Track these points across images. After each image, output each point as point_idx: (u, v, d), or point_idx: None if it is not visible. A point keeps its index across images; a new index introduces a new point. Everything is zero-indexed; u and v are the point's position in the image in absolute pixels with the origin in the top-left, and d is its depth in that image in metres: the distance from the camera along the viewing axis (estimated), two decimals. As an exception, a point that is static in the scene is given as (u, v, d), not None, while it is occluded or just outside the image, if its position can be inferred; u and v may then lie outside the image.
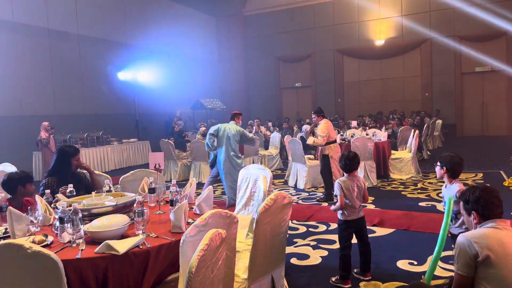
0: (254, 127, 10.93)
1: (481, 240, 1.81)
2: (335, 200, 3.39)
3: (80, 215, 2.22)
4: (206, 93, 17.69)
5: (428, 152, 10.72)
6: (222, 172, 6.07)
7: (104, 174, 3.77)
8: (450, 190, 2.97)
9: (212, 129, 6.21)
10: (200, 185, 8.12)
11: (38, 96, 11.75)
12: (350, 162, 3.33)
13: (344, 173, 3.39)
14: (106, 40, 13.90)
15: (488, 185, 2.05)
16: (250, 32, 19.92)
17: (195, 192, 3.35)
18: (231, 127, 6.11)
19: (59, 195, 2.82)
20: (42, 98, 11.86)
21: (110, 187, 3.03)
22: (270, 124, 13.20)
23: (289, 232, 4.73)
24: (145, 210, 2.27)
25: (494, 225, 1.88)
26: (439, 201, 5.82)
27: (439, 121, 13.13)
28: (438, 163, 3.11)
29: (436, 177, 7.61)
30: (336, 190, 3.32)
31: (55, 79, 12.28)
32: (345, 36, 17.98)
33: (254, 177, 3.65)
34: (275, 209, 2.42)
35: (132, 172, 3.72)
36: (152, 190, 2.97)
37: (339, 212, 3.39)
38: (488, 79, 16.13)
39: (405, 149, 9.67)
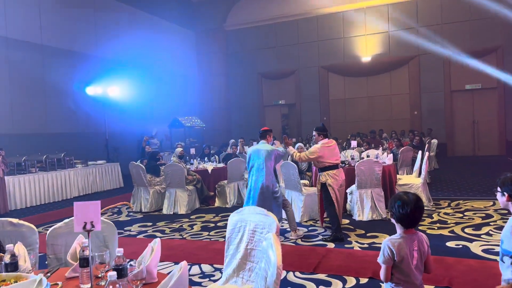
0: (238, 147, 9.78)
1: None
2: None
3: None
4: (184, 111, 16.49)
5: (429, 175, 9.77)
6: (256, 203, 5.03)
7: (27, 224, 2.52)
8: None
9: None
10: (177, 216, 6.86)
11: (-7, 113, 10.34)
12: (412, 212, 2.08)
13: (398, 228, 2.19)
14: (74, 52, 12.60)
15: None
16: (231, 48, 18.98)
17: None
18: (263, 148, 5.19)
19: None
20: (-3, 115, 10.44)
21: (15, 258, 1.80)
22: (254, 144, 12.04)
23: (294, 292, 3.54)
24: None
25: None
26: (470, 240, 4.77)
27: (435, 141, 12.30)
28: (499, 188, 2.27)
29: (449, 205, 6.72)
30: (381, 256, 2.13)
31: (14, 94, 10.86)
32: (331, 52, 17.25)
33: (251, 227, 2.48)
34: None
35: (66, 221, 2.47)
36: (85, 262, 1.76)
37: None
38: (479, 96, 15.57)
39: (407, 172, 8.72)
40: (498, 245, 4.50)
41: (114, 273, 1.47)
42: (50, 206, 8.79)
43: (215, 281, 3.68)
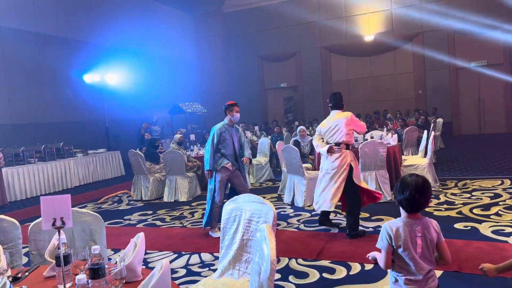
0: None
1: None
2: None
3: None
4: (185, 96, 16.28)
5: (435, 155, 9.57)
6: None
7: (8, 218, 2.37)
8: None
9: None
10: (178, 204, 6.74)
11: (-11, 103, 10.19)
12: (411, 196, 1.89)
13: (402, 212, 2.02)
14: (70, 39, 12.35)
15: None
16: (230, 31, 18.61)
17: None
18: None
19: None
20: (-6, 106, 10.29)
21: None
22: (256, 128, 11.87)
23: (296, 281, 3.41)
24: None
25: None
26: (479, 221, 4.60)
27: (440, 120, 12.05)
28: None
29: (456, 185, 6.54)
30: (379, 241, 1.97)
31: (10, 84, 10.68)
32: (332, 32, 16.84)
33: (246, 216, 2.32)
34: None
35: (48, 215, 2.32)
36: (61, 260, 1.61)
37: (391, 278, 2.04)
38: (485, 73, 15.20)
39: (412, 153, 8.52)
40: (508, 226, 4.36)
41: (83, 276, 1.32)
42: (50, 197, 8.69)
43: (214, 270, 3.54)
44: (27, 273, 1.88)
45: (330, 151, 4.37)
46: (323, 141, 4.56)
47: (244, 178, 5.04)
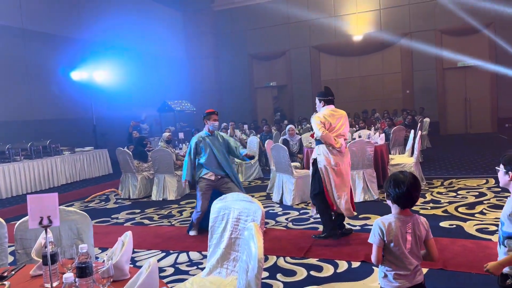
0: (228, 131, 9.60)
1: None
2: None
3: None
4: (174, 94, 16.19)
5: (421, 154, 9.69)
6: None
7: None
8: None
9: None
10: (166, 203, 6.74)
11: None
12: (408, 191, 1.94)
13: (393, 209, 2.06)
14: (57, 35, 12.19)
15: None
16: (220, 29, 18.56)
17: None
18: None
19: None
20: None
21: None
22: (245, 127, 11.89)
23: (283, 279, 3.43)
24: None
25: None
26: (464, 220, 4.68)
27: (427, 120, 12.21)
28: (502, 166, 2.22)
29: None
30: (372, 236, 2.03)
31: (-5, 81, 10.53)
32: (321, 32, 16.92)
33: (234, 214, 2.33)
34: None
35: (34, 214, 2.30)
36: (47, 259, 1.59)
37: (380, 274, 2.10)
38: (471, 74, 15.45)
39: (399, 152, 8.62)
40: (492, 224, 4.45)
41: (70, 274, 1.31)
42: (37, 195, 8.58)
43: (202, 269, 3.55)
44: (13, 272, 1.87)
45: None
46: None
47: (238, 185, 4.82)
